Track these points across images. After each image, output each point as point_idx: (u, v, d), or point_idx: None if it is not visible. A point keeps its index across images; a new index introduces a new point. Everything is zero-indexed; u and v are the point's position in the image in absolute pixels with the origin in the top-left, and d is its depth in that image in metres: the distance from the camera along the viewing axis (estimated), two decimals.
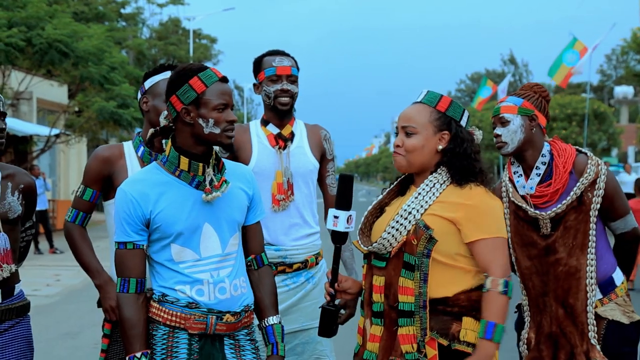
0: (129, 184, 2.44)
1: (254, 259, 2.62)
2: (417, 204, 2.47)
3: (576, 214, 2.91)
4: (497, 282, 2.39)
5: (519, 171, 3.04)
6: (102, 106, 17.12)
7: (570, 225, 2.91)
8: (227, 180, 2.47)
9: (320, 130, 3.42)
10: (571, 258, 2.91)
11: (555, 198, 2.93)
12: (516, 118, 2.98)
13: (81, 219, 3.00)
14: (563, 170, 2.94)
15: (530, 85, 3.12)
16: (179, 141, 2.44)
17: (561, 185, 2.93)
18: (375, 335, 2.51)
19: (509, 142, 2.98)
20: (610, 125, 29.96)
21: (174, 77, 2.42)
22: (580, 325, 2.90)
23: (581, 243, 2.91)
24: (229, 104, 2.43)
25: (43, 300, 9.02)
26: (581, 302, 2.91)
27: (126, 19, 32.88)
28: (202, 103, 2.38)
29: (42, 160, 21.33)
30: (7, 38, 14.46)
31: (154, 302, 2.44)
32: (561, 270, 2.92)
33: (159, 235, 2.42)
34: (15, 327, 2.82)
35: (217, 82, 2.41)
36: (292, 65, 3.28)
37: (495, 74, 57.42)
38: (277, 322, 2.58)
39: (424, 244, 2.42)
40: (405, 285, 2.43)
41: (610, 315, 2.94)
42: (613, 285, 2.98)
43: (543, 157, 2.99)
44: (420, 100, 2.58)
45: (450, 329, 2.42)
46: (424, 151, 2.51)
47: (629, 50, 23.10)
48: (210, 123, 2.38)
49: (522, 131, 2.97)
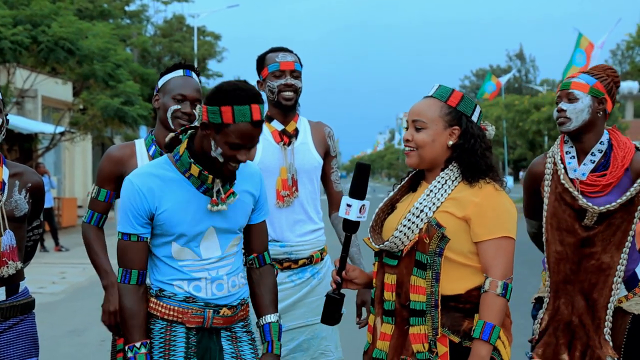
0: (138, 176, 2.42)
1: (255, 258, 2.61)
2: (429, 202, 2.43)
3: (623, 213, 2.87)
4: (496, 284, 2.36)
5: (571, 152, 2.95)
6: (107, 103, 17.13)
7: (614, 223, 2.87)
8: (234, 193, 2.44)
9: (324, 127, 3.42)
10: (605, 254, 2.88)
11: (607, 191, 2.86)
12: (586, 97, 2.89)
13: (97, 219, 3.00)
14: (621, 164, 2.86)
15: (604, 68, 3.01)
16: (195, 143, 2.40)
17: (615, 179, 2.86)
18: (386, 334, 2.47)
19: (573, 119, 2.89)
20: (615, 120, 29.86)
21: (215, 92, 2.30)
22: (598, 320, 2.89)
23: (619, 241, 2.88)
24: (246, 146, 2.32)
25: (49, 297, 9.03)
26: (604, 298, 2.89)
27: (130, 17, 32.88)
28: (222, 132, 2.29)
29: (47, 158, 21.37)
30: (12, 36, 14.48)
31: (151, 296, 2.45)
32: (592, 264, 2.89)
33: (161, 232, 2.42)
34: (19, 324, 2.82)
35: (246, 123, 2.27)
36: (295, 60, 3.28)
37: (500, 69, 57.22)
38: (275, 320, 2.58)
39: (437, 243, 2.39)
40: (417, 284, 2.39)
41: (635, 310, 2.92)
42: (636, 280, 2.96)
43: (601, 144, 2.91)
44: (431, 94, 2.53)
45: (462, 325, 2.39)
46: (434, 146, 2.47)
47: (634, 46, 23.00)
48: (219, 151, 2.33)
49: (588, 112, 2.89)
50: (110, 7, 27.03)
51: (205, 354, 2.44)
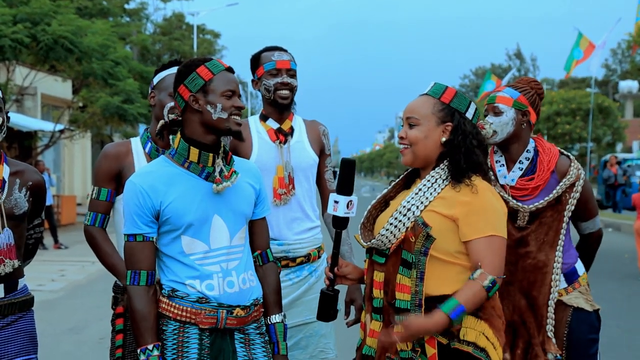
0: (139, 176, 2.45)
1: (259, 255, 2.63)
2: (417, 200, 2.44)
3: (552, 212, 3.01)
4: (485, 277, 2.34)
5: (501, 161, 3.10)
6: (107, 101, 17.14)
7: (545, 222, 3.01)
8: (236, 171, 2.49)
9: (319, 126, 3.43)
10: (540, 253, 3.01)
11: (535, 193, 3.01)
12: (510, 110, 3.04)
13: (100, 220, 2.96)
14: (547, 168, 3.02)
15: (528, 80, 3.17)
16: (188, 132, 2.46)
17: (543, 182, 3.02)
18: (374, 331, 2.49)
19: (499, 132, 3.04)
20: (614, 119, 29.86)
21: (182, 69, 2.48)
22: (540, 317, 3.00)
23: (552, 240, 3.01)
24: (236, 92, 2.46)
25: (48, 295, 9.04)
26: (543, 296, 3.00)
27: (130, 15, 32.88)
28: (210, 90, 2.43)
29: (47, 155, 21.37)
30: (12, 34, 14.48)
31: (164, 297, 2.45)
32: (529, 263, 3.00)
33: (169, 227, 2.43)
34: (18, 321, 2.83)
35: (224, 71, 2.47)
36: (291, 59, 3.29)
37: (501, 68, 57.14)
38: (280, 320, 2.60)
39: (422, 242, 2.38)
40: (402, 282, 2.40)
41: (575, 302, 3.06)
42: (576, 275, 3.11)
43: (527, 152, 3.07)
44: (426, 92, 2.56)
45: (450, 327, 2.37)
46: (427, 143, 2.47)
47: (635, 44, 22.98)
48: (218, 108, 2.42)
49: (512, 124, 3.04)
50: (110, 5, 27.03)
51: (218, 355, 2.44)
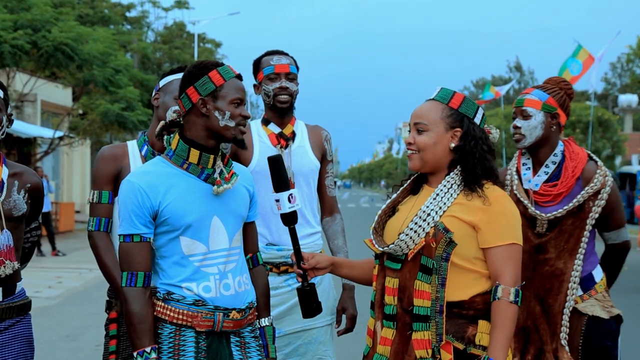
0: (137, 175, 2.42)
1: (250, 259, 2.63)
2: (436, 205, 2.40)
3: (574, 220, 2.94)
4: (508, 291, 2.33)
5: (527, 164, 3.03)
6: (107, 109, 17.14)
7: (565, 230, 2.94)
8: (236, 173, 2.49)
9: (321, 131, 3.41)
10: (559, 260, 2.95)
11: (558, 200, 2.95)
12: (539, 114, 2.96)
13: (105, 224, 2.89)
14: (572, 174, 2.94)
15: (557, 81, 3.07)
16: (189, 134, 2.44)
17: (566, 189, 2.94)
18: (386, 339, 2.43)
19: (527, 136, 2.97)
20: (614, 132, 29.89)
21: (192, 70, 2.46)
22: (554, 325, 2.95)
23: (572, 248, 2.95)
24: (244, 100, 2.47)
25: (44, 302, 9.01)
26: (559, 304, 2.95)
27: (131, 23, 32.97)
28: (220, 96, 2.41)
29: (46, 162, 21.36)
30: (12, 40, 14.50)
31: (159, 300, 2.41)
32: (547, 270, 2.96)
33: (167, 228, 2.40)
34: (15, 325, 2.81)
35: (234, 78, 2.47)
36: (291, 63, 3.28)
37: (502, 80, 57.15)
38: (269, 324, 2.59)
39: (443, 247, 2.35)
40: (421, 288, 2.35)
41: (590, 311, 2.99)
42: (593, 281, 3.03)
43: (555, 156, 2.99)
44: (433, 97, 2.52)
45: (466, 332, 2.35)
46: (435, 149, 2.45)
47: (634, 58, 23.05)
48: (226, 116, 2.41)
49: (542, 128, 2.96)
50: (111, 13, 27.12)
51: (215, 358, 2.41)
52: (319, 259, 2.64)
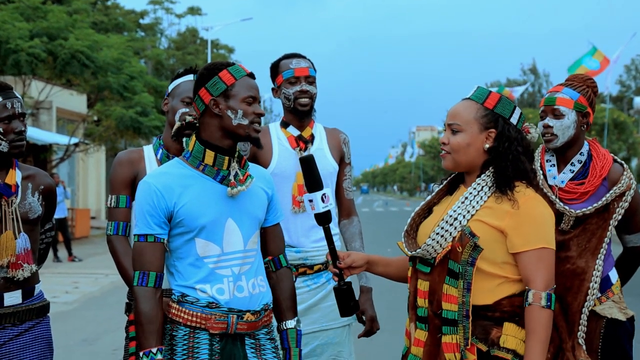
0: (153, 176, 2.43)
1: (271, 261, 2.60)
2: (464, 209, 2.37)
3: (598, 219, 2.92)
4: (540, 296, 2.30)
5: (552, 160, 2.99)
6: (122, 114, 17.23)
7: (589, 228, 2.92)
8: (251, 175, 2.47)
9: (340, 134, 3.41)
10: (581, 259, 2.91)
11: (584, 199, 2.92)
12: (571, 113, 2.91)
13: (123, 228, 2.89)
14: (599, 174, 2.92)
15: (584, 79, 3.02)
16: (204, 135, 2.44)
17: (593, 188, 2.91)
18: (419, 340, 2.43)
19: (560, 136, 2.91)
20: (630, 135, 29.69)
21: (204, 72, 2.46)
22: (572, 323, 2.91)
23: (594, 247, 2.92)
24: (257, 98, 2.45)
25: (62, 307, 9.05)
26: (578, 303, 2.91)
27: (145, 29, 33.16)
28: (231, 95, 2.41)
29: (61, 169, 21.50)
30: (29, 48, 14.62)
31: (173, 302, 2.42)
32: (567, 268, 2.91)
33: (182, 230, 2.40)
34: (35, 327, 2.82)
35: (245, 76, 2.46)
36: (309, 66, 3.28)
37: (516, 83, 56.85)
38: (293, 326, 2.57)
39: (469, 252, 2.32)
40: (449, 292, 2.33)
41: (608, 313, 2.96)
42: (609, 283, 3.01)
43: (581, 155, 2.96)
44: (469, 96, 2.49)
45: (490, 334, 2.33)
46: (469, 150, 2.41)
47: None
48: (239, 114, 2.40)
49: (574, 127, 2.91)
50: (125, 20, 27.29)
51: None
52: (355, 258, 2.62)
